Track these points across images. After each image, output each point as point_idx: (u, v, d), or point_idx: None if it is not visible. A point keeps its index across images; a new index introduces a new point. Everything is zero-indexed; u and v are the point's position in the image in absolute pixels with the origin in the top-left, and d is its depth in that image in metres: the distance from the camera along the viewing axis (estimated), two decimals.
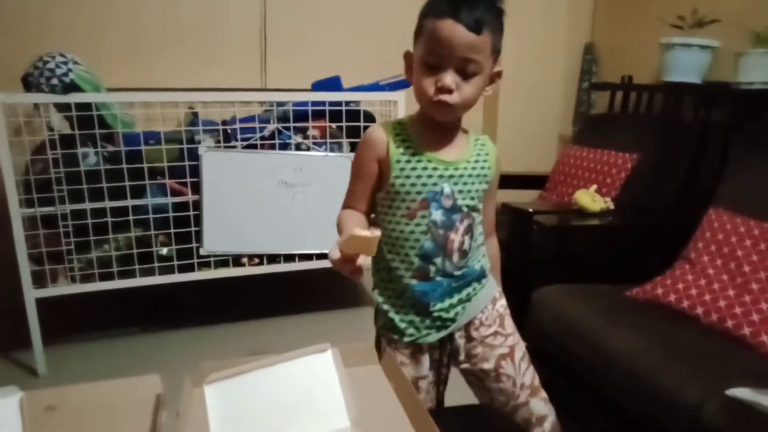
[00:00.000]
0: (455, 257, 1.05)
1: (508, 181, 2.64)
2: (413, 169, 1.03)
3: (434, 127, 1.05)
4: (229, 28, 2.64)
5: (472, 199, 1.05)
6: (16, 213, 1.87)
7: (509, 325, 1.15)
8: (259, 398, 0.66)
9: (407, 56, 1.03)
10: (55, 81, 1.84)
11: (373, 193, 1.07)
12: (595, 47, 3.08)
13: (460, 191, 1.04)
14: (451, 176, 1.03)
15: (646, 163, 2.15)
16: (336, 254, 0.87)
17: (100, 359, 2.13)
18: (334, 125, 2.26)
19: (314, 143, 2.23)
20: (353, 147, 2.28)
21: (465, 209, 1.04)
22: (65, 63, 1.88)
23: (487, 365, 1.11)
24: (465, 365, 1.14)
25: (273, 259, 2.25)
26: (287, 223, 2.19)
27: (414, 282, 1.06)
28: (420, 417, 0.73)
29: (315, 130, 2.26)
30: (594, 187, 2.07)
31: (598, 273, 1.75)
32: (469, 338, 1.12)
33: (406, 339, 1.09)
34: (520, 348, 1.15)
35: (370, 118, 2.37)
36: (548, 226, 1.80)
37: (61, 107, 1.92)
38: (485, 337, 1.12)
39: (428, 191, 1.02)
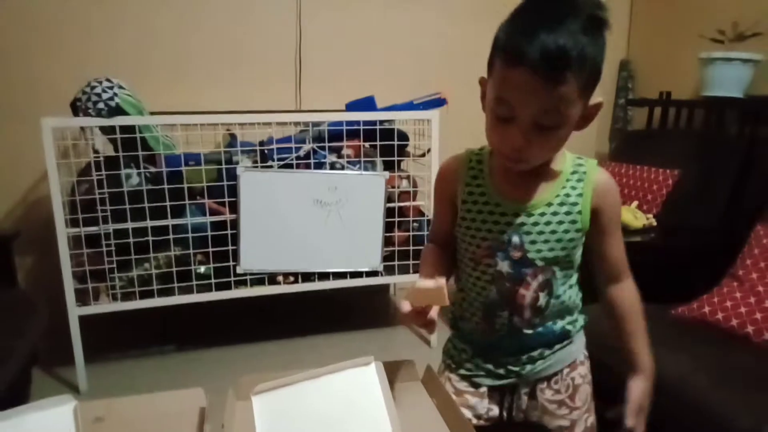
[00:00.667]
0: (526, 314, 0.90)
1: None
2: (479, 212, 0.90)
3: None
4: (265, 52, 2.71)
5: (551, 250, 0.87)
6: (62, 232, 1.93)
7: (581, 399, 0.98)
8: (305, 410, 0.65)
9: (482, 83, 0.85)
10: (101, 105, 1.92)
11: (454, 227, 0.95)
12: (631, 63, 3.04)
13: (533, 242, 0.87)
14: (521, 224, 0.87)
15: (689, 180, 2.10)
16: (406, 307, 0.79)
17: (139, 376, 2.16)
18: (367, 144, 2.28)
19: (348, 162, 2.25)
20: (387, 166, 2.30)
21: (539, 263, 0.87)
22: (111, 88, 1.95)
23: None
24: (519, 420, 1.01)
25: (307, 277, 2.26)
26: (322, 241, 2.20)
27: (479, 331, 0.96)
28: None
29: (349, 150, 2.28)
30: (635, 203, 2.02)
31: (642, 291, 1.69)
32: (532, 397, 0.98)
33: (462, 372, 0.99)
34: (582, 424, 0.99)
35: (404, 137, 2.38)
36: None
37: (106, 130, 1.99)
38: (549, 403, 0.97)
39: (493, 239, 0.88)
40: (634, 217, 1.92)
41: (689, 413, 1.23)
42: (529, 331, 0.92)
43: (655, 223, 1.95)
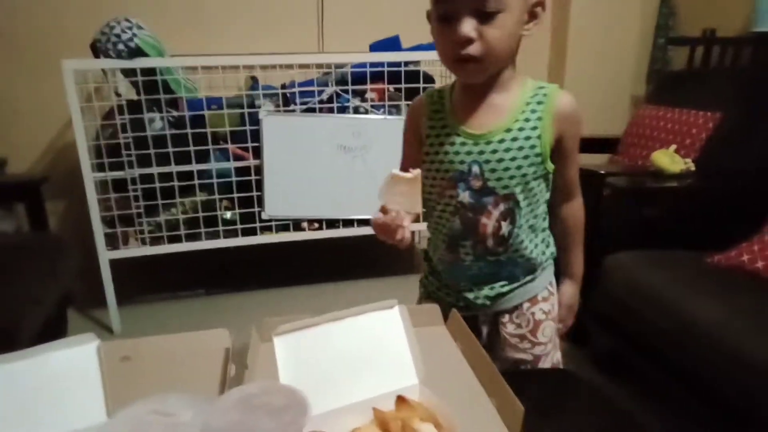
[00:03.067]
0: (490, 242, 0.91)
1: None
2: (441, 144, 0.90)
3: (469, 92, 0.89)
4: None
5: (512, 178, 0.87)
6: (89, 177, 1.94)
7: (544, 334, 0.99)
8: (328, 351, 0.64)
9: (429, 15, 0.86)
10: (121, 46, 1.88)
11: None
12: (673, 0, 2.85)
13: (492, 170, 0.86)
14: (481, 152, 0.87)
15: (730, 123, 1.98)
16: (378, 217, 0.82)
17: (169, 318, 2.22)
18: (392, 88, 2.21)
19: (372, 106, 2.19)
20: None
21: (500, 191, 0.88)
22: (130, 28, 1.91)
23: (502, 365, 0.98)
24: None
25: (332, 224, 2.25)
26: (346, 187, 2.18)
27: (444, 261, 0.98)
28: (491, 377, 0.69)
29: (373, 93, 2.22)
30: (673, 147, 1.93)
31: (676, 239, 1.63)
32: (494, 330, 1.00)
33: (431, 301, 1.02)
34: (549, 361, 1.00)
35: (429, 79, 2.29)
36: (622, 188, 1.69)
37: (127, 73, 1.96)
38: (511, 336, 0.98)
39: (455, 170, 0.89)
40: (672, 161, 1.83)
41: (727, 357, 1.20)
42: (492, 259, 0.93)
43: (693, 168, 1.86)
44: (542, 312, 0.99)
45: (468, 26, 0.78)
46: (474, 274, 0.96)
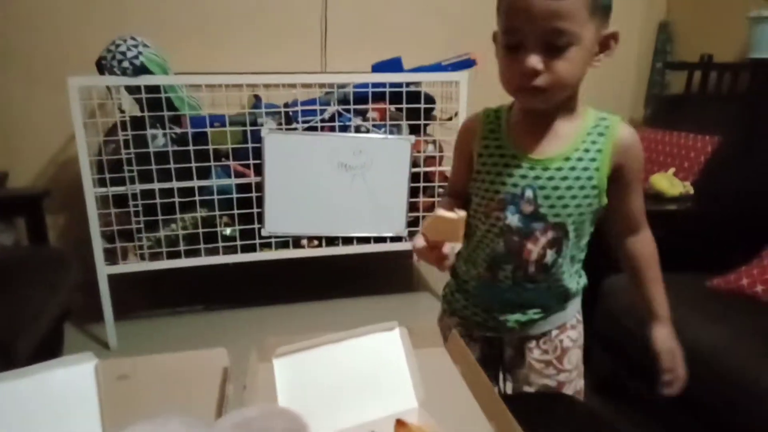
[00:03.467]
0: (531, 269, 0.90)
1: None
2: (494, 165, 0.88)
3: (529, 116, 0.87)
4: (290, 12, 2.65)
5: (565, 207, 0.85)
6: (90, 192, 1.95)
7: (570, 362, 0.98)
8: (327, 373, 0.64)
9: (494, 36, 0.84)
10: (126, 64, 1.90)
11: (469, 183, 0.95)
12: (670, 25, 2.89)
13: (546, 197, 0.85)
14: (537, 177, 0.85)
15: (728, 147, 2.00)
16: (420, 242, 0.80)
17: (167, 334, 2.20)
18: (393, 107, 2.22)
19: (374, 125, 2.20)
20: (413, 129, 2.24)
21: (551, 219, 0.86)
22: (135, 46, 1.93)
23: (527, 389, 0.98)
24: (506, 380, 1.02)
25: (331, 241, 2.26)
26: (346, 205, 2.18)
27: (480, 281, 0.96)
28: (490, 400, 0.69)
29: (375, 113, 2.23)
30: (671, 170, 1.95)
31: (674, 262, 1.61)
32: (519, 354, 0.99)
33: (456, 319, 1.01)
34: (572, 387, 0.99)
35: (430, 100, 2.32)
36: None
37: (131, 89, 1.98)
38: (537, 362, 0.97)
39: (507, 192, 0.87)
40: (671, 184, 1.84)
41: (728, 382, 1.19)
42: (531, 286, 0.91)
43: (692, 191, 1.87)
44: (570, 340, 0.98)
45: (536, 59, 0.76)
46: (508, 299, 0.94)
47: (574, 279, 0.95)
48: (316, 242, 2.26)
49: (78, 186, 1.94)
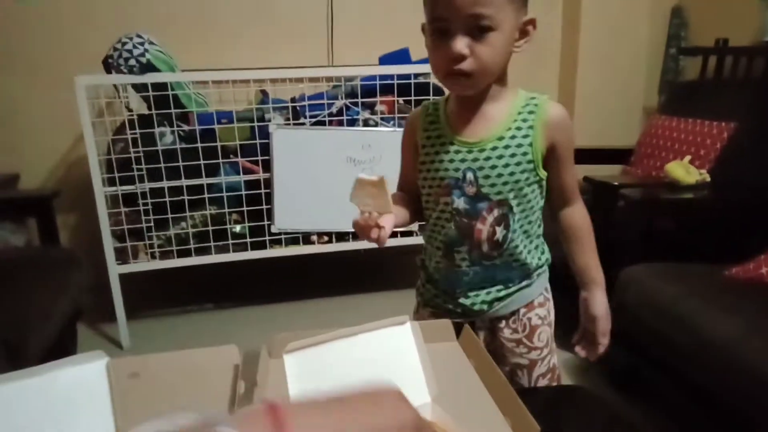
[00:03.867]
0: (485, 247, 0.94)
1: (587, 156, 2.52)
2: (436, 153, 0.94)
3: (463, 103, 0.93)
4: (296, 6, 2.64)
5: (505, 184, 0.90)
6: (100, 191, 1.95)
7: (540, 339, 1.01)
8: (338, 368, 0.63)
9: (423, 28, 0.89)
10: (132, 62, 1.90)
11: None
12: (684, 10, 2.83)
13: (486, 177, 0.90)
14: (474, 160, 0.90)
15: (745, 133, 1.95)
16: (356, 218, 0.86)
17: (178, 332, 2.21)
18: (401, 100, 2.20)
19: (382, 119, 2.18)
20: None
21: (494, 197, 0.91)
22: (141, 44, 1.92)
23: (502, 368, 0.97)
24: None
25: (341, 237, 2.24)
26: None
27: (440, 268, 1.00)
28: (504, 395, 0.68)
29: (383, 106, 2.22)
30: (687, 158, 1.91)
31: (691, 251, 1.60)
32: (492, 336, 1.02)
33: (429, 309, 1.05)
34: (545, 365, 1.02)
35: (439, 91, 2.29)
36: (636, 200, 1.66)
37: (138, 88, 1.98)
38: (507, 341, 1.01)
39: (450, 177, 0.92)
40: (686, 172, 1.80)
41: (744, 375, 1.16)
42: (487, 264, 0.96)
43: (708, 179, 1.83)
44: (538, 317, 1.01)
45: (461, 43, 0.82)
46: (470, 280, 0.98)
47: (534, 255, 0.99)
48: (325, 238, 2.25)
49: (88, 186, 1.95)
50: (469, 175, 0.91)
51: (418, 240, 2.29)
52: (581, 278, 0.99)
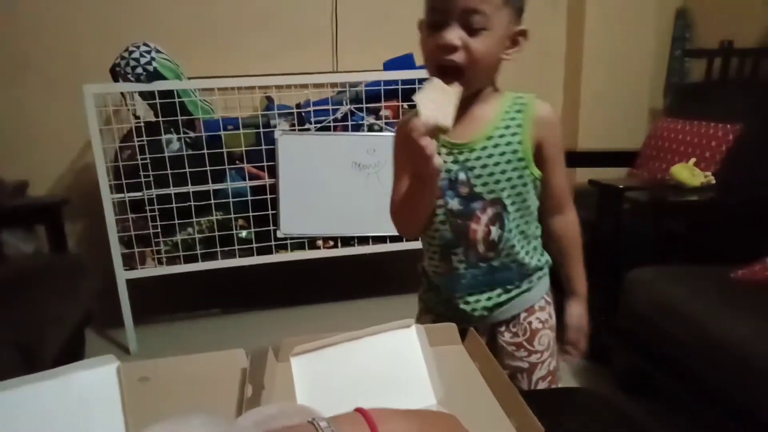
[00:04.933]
0: (481, 248, 0.94)
1: (592, 158, 2.52)
2: None
3: None
4: (300, 12, 2.65)
5: (497, 183, 0.91)
6: (107, 198, 1.97)
7: (540, 343, 1.01)
8: (345, 371, 0.63)
9: (420, 25, 0.90)
10: (139, 70, 1.92)
11: None
12: (688, 12, 2.83)
13: (478, 176, 0.91)
14: (466, 160, 0.91)
15: (750, 135, 1.95)
16: (418, 122, 0.77)
17: (185, 337, 2.22)
18: (406, 105, 2.21)
19: (387, 124, 2.19)
20: None
21: (487, 196, 0.92)
22: (148, 52, 1.95)
23: None
24: None
25: (347, 241, 2.25)
26: (361, 205, 2.18)
27: (439, 272, 1.00)
28: (509, 397, 0.68)
29: (387, 111, 2.23)
30: (692, 160, 1.90)
31: (698, 253, 1.60)
32: (492, 341, 1.01)
33: (432, 315, 1.05)
34: (545, 368, 1.02)
35: None
36: (642, 202, 1.66)
37: (145, 95, 2.00)
38: (508, 345, 1.01)
39: (442, 179, 0.92)
40: (692, 174, 1.80)
41: (755, 376, 1.16)
42: (484, 265, 0.95)
43: (714, 181, 1.83)
44: (539, 321, 1.01)
45: (454, 33, 0.83)
46: (469, 283, 0.97)
47: (533, 255, 0.99)
48: (331, 243, 2.26)
49: (95, 192, 1.97)
50: (462, 176, 0.92)
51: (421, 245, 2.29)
52: (566, 288, 1.03)
